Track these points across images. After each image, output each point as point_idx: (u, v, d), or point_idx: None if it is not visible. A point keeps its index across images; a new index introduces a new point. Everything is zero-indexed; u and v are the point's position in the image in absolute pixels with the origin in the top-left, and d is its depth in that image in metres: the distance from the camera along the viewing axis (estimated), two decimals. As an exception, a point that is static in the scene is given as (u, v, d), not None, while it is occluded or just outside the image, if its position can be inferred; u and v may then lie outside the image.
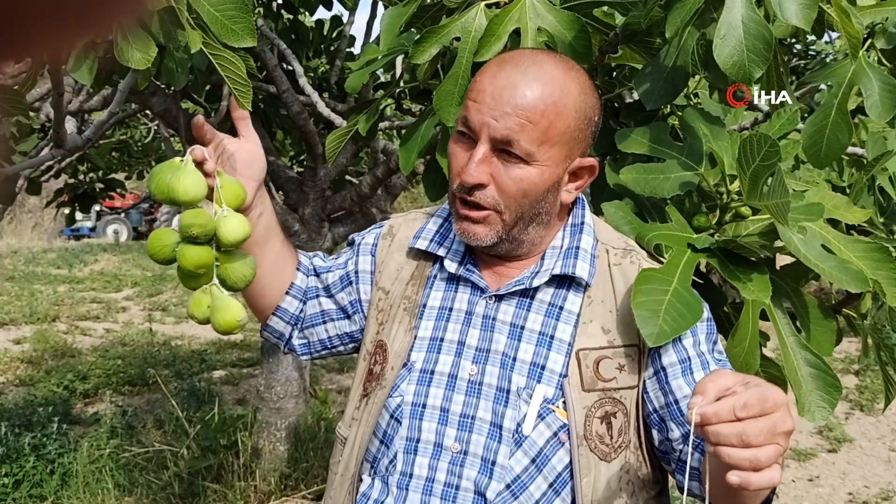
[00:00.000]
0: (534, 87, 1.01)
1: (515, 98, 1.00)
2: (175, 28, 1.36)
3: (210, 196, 1.02)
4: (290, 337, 1.29)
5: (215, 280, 1.01)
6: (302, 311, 1.27)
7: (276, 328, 1.28)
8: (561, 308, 1.10)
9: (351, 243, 1.31)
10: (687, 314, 1.06)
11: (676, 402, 1.06)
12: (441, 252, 1.16)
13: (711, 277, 1.40)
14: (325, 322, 1.27)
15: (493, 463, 1.05)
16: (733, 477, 0.78)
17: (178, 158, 1.01)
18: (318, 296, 1.27)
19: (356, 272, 1.25)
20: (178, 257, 0.98)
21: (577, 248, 1.11)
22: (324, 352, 1.30)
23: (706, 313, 1.13)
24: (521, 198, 1.04)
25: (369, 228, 1.31)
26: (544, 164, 1.03)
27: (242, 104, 1.55)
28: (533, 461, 1.04)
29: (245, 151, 1.14)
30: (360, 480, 1.14)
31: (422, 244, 1.18)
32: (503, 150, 1.02)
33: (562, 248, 1.12)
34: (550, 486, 1.05)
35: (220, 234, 1.00)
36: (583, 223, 1.14)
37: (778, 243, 1.25)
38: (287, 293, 1.26)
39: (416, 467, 1.08)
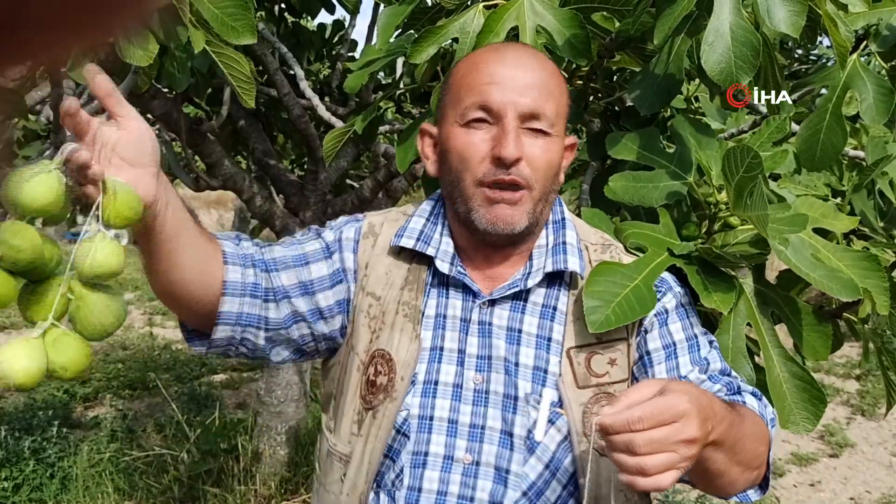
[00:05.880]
0: (542, 64, 1.08)
1: (533, 74, 1.06)
2: (176, 26, 1.36)
3: (85, 208, 0.79)
4: (245, 339, 1.11)
5: (51, 319, 0.80)
6: (246, 308, 1.09)
7: (223, 336, 1.09)
8: (554, 308, 1.11)
9: (315, 230, 1.19)
10: (637, 307, 1.07)
11: None
12: (430, 252, 1.12)
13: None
14: (296, 322, 1.13)
15: (508, 471, 1.04)
16: (623, 477, 0.85)
17: (54, 159, 0.78)
18: (287, 296, 1.11)
19: (343, 269, 1.15)
20: None
21: (564, 243, 1.12)
22: (295, 356, 1.16)
23: (686, 298, 1.14)
24: (547, 170, 1.07)
25: (344, 220, 1.20)
26: (558, 136, 1.08)
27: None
28: (547, 466, 1.05)
29: (130, 134, 0.89)
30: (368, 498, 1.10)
31: (407, 242, 1.12)
32: (527, 125, 1.05)
33: (548, 245, 1.13)
34: (564, 487, 1.06)
35: (81, 263, 0.78)
36: (563, 219, 1.15)
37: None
38: (224, 294, 1.07)
39: (425, 481, 1.06)
